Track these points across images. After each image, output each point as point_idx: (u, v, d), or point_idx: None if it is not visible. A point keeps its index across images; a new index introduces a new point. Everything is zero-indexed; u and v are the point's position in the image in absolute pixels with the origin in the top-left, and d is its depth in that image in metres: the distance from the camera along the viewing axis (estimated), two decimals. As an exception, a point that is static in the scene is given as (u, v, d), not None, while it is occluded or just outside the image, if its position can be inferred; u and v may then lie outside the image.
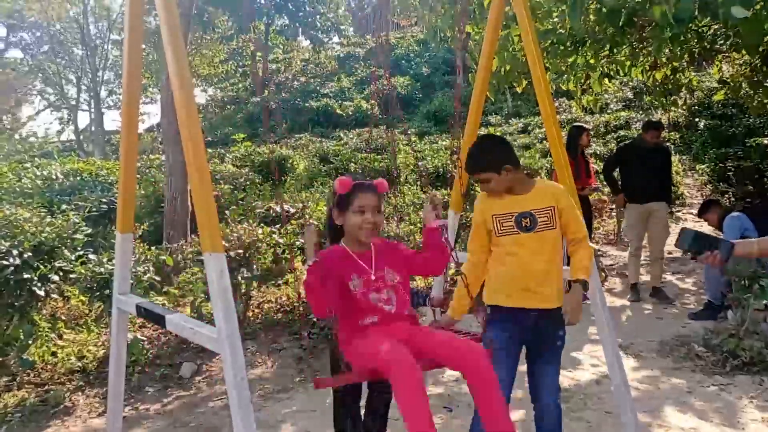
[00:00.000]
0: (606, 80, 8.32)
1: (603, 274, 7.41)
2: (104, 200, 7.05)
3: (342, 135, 21.23)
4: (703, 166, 11.61)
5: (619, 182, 6.96)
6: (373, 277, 2.63)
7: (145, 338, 5.12)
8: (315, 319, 5.64)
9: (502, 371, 2.67)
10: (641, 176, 6.61)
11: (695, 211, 10.80)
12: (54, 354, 4.91)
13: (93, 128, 31.15)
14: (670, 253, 8.90)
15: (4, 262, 4.46)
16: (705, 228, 6.72)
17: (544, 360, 2.86)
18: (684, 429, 3.68)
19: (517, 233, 2.76)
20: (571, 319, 2.75)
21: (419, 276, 3.15)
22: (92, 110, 31.24)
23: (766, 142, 10.31)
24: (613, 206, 10.37)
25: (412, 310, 2.78)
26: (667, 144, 7.27)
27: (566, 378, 4.56)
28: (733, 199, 9.98)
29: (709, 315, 5.77)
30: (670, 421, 3.80)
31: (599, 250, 9.22)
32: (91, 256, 5.11)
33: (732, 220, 5.79)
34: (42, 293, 4.74)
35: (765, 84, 8.05)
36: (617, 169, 7.04)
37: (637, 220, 6.71)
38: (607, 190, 10.10)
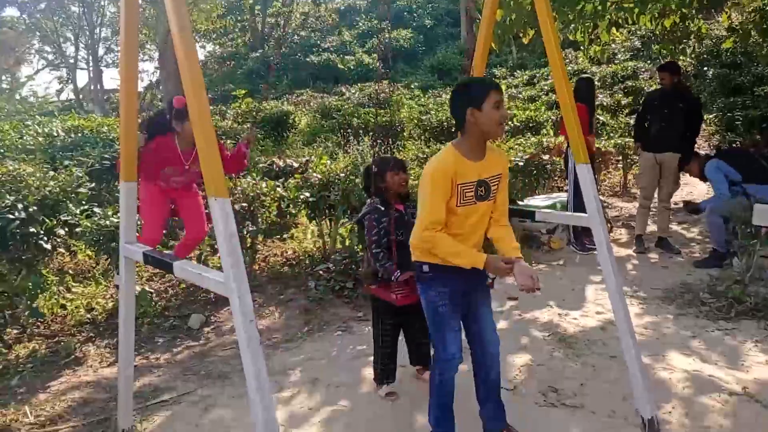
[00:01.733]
0: (614, 29, 8.16)
1: (609, 225, 7.40)
2: (106, 156, 7.00)
3: (344, 90, 21.02)
4: (710, 116, 11.47)
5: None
6: (187, 167, 4.39)
7: (152, 291, 5.16)
8: (320, 272, 5.68)
9: (456, 321, 2.80)
10: (654, 124, 6.47)
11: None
12: (63, 307, 4.96)
13: (92, 87, 30.91)
14: (676, 203, 8.89)
15: (10, 216, 4.47)
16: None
17: (480, 303, 2.92)
18: (688, 371, 3.72)
19: (474, 203, 2.72)
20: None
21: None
22: (91, 68, 30.96)
23: (774, 90, 10.17)
24: (620, 158, 10.29)
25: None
26: (693, 93, 6.86)
27: (571, 325, 4.60)
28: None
29: (714, 263, 5.78)
30: (674, 364, 3.84)
31: (605, 202, 9.20)
32: (96, 210, 5.11)
33: (713, 167, 5.81)
34: (48, 247, 4.77)
35: (775, 31, 7.90)
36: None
37: (647, 169, 6.59)
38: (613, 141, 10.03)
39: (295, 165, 7.89)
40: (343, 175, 6.08)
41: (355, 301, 5.22)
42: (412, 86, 20.93)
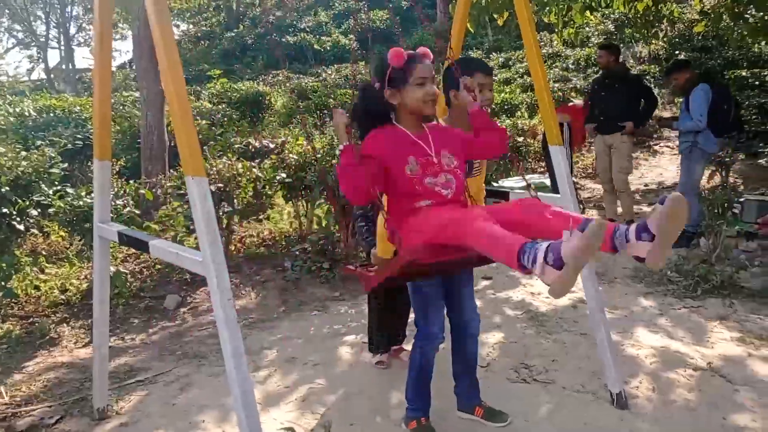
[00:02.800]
0: (588, 12, 8.22)
1: (581, 206, 7.50)
2: (79, 136, 6.93)
3: (320, 71, 20.87)
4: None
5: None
6: (435, 160, 2.36)
7: (127, 272, 5.14)
8: (296, 252, 5.70)
9: (439, 299, 2.85)
10: (597, 106, 6.58)
11: (672, 145, 10.92)
12: (37, 288, 4.92)
13: (64, 66, 30.27)
14: (646, 185, 9.05)
15: (-19, 197, 4.41)
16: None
17: (462, 281, 2.97)
18: (655, 347, 3.83)
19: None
20: None
21: (477, 159, 2.94)
22: (62, 47, 30.29)
23: (744, 74, 10.33)
24: (592, 140, 10.36)
25: (467, 196, 2.56)
26: (635, 74, 6.81)
27: (543, 303, 4.69)
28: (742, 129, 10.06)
29: (683, 242, 5.89)
30: (641, 340, 3.94)
31: (578, 184, 9.32)
32: (69, 190, 5.06)
33: (704, 91, 5.78)
34: (21, 227, 4.73)
35: (745, 16, 8.01)
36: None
37: (599, 153, 6.70)
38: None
39: (271, 146, 7.86)
40: (320, 155, 6.09)
41: (332, 281, 5.26)
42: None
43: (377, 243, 2.94)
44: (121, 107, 11.01)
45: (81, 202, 4.77)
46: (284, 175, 5.89)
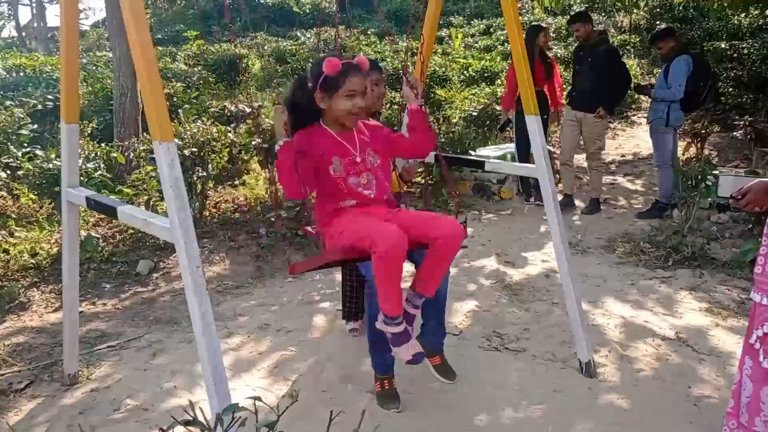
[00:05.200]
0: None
1: (557, 176, 7.48)
2: (49, 96, 6.76)
3: (299, 34, 20.53)
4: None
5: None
6: (358, 159, 2.52)
7: (99, 236, 5.07)
8: (272, 219, 5.66)
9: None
10: (575, 79, 6.36)
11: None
12: (6, 251, 4.83)
13: (35, 24, 29.41)
14: (623, 156, 9.11)
15: (-54, 158, 4.30)
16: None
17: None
18: (624, 317, 3.88)
19: None
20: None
21: (404, 159, 3.09)
22: (33, 4, 29.40)
23: (722, 46, 10.36)
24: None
25: (391, 195, 2.69)
26: (609, 44, 6.37)
27: (517, 272, 4.73)
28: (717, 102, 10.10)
29: (656, 214, 5.96)
30: (611, 310, 4.00)
31: (554, 153, 9.33)
32: (39, 152, 4.95)
33: (685, 63, 5.80)
34: (-11, 190, 4.62)
35: (726, -14, 8.02)
36: None
37: (565, 126, 6.43)
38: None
39: (248, 110, 7.75)
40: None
41: (307, 248, 5.24)
42: (369, 32, 20.58)
43: None
44: (93, 68, 10.75)
45: (50, 165, 4.68)
46: (260, 140, 5.81)
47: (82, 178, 5.03)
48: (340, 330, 3.82)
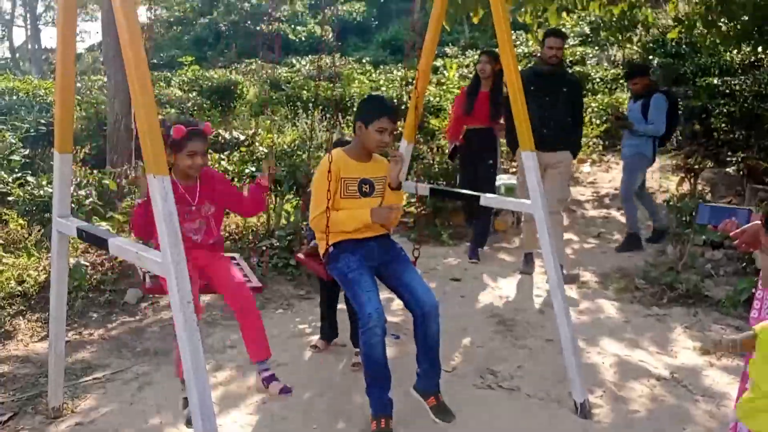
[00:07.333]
0: (564, 14, 8.24)
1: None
2: (42, 121, 6.73)
3: (294, 61, 20.66)
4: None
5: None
6: (193, 208, 3.06)
7: (88, 263, 4.99)
8: (263, 248, 5.61)
9: (367, 283, 2.97)
10: (541, 114, 4.86)
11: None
12: (-8, 278, 4.75)
13: (29, 46, 29.51)
14: (616, 189, 9.11)
15: (-65, 182, 4.25)
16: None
17: (403, 270, 3.13)
18: (619, 356, 3.84)
19: (358, 198, 3.13)
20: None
21: (236, 214, 3.59)
22: (28, 26, 29.55)
23: (715, 82, 10.46)
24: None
25: (220, 239, 3.24)
26: (572, 73, 5.82)
27: (510, 308, 4.68)
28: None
29: (635, 245, 5.98)
30: (606, 348, 3.96)
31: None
32: (30, 179, 4.91)
33: (662, 101, 5.91)
34: (-23, 215, 4.56)
35: (719, 24, 8.11)
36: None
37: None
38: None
39: (242, 138, 7.75)
40: (290, 149, 6.00)
41: (298, 278, 5.19)
42: (364, 60, 20.75)
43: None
44: (87, 92, 10.76)
45: (41, 192, 4.63)
46: (254, 168, 5.80)
47: (73, 205, 4.98)
48: (331, 364, 3.76)
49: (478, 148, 5.69)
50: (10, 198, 4.76)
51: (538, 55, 7.61)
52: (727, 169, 8.55)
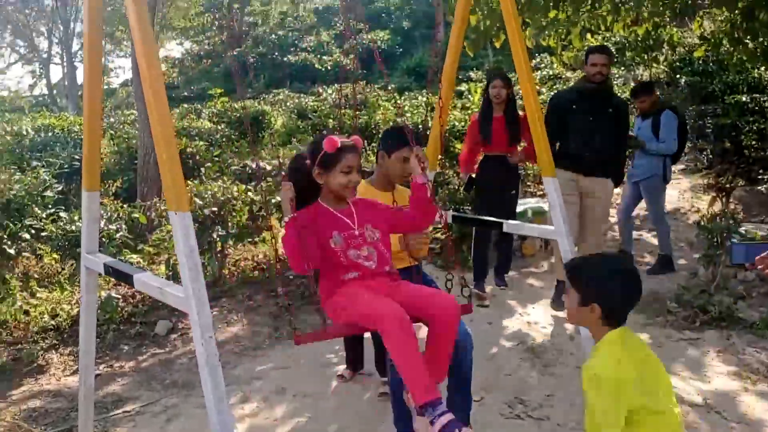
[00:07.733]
0: (588, 35, 8.21)
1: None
2: (76, 157, 6.91)
3: (321, 90, 20.92)
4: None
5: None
6: (356, 233, 2.59)
7: (119, 296, 5.08)
8: (290, 277, 5.64)
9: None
10: (585, 136, 4.71)
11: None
12: (26, 312, 4.85)
13: (66, 83, 30.42)
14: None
15: (-28, 221, 4.38)
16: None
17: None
18: (652, 383, 3.75)
19: None
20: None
21: (403, 232, 3.10)
22: (65, 64, 30.48)
23: (744, 99, 10.31)
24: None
25: (393, 267, 2.72)
26: (619, 96, 5.91)
27: (540, 333, 4.62)
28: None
29: (667, 267, 5.86)
30: (639, 375, 3.87)
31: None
32: (62, 214, 5.04)
33: (672, 118, 5.85)
34: (13, 251, 4.68)
35: (744, 41, 8.01)
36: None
37: (567, 197, 4.33)
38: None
39: (269, 168, 7.83)
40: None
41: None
42: (390, 87, 20.96)
43: None
44: (120, 126, 11.02)
45: (73, 227, 4.74)
46: (280, 198, 5.84)
47: (103, 239, 5.08)
48: (358, 394, 3.75)
49: (500, 176, 5.35)
50: (44, 233, 4.88)
51: (565, 75, 7.63)
52: (759, 188, 8.39)
